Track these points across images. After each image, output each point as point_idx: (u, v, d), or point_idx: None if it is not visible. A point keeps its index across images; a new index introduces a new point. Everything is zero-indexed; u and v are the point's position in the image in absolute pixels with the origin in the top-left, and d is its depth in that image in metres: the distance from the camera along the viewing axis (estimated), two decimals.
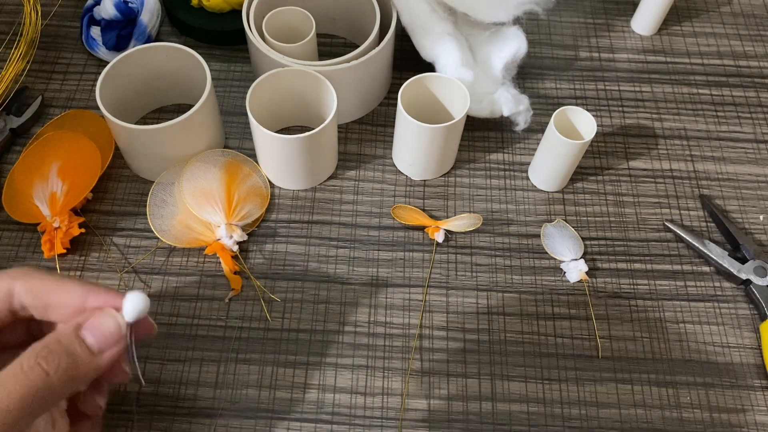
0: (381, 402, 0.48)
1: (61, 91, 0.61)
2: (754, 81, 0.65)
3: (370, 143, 0.59)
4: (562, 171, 0.55)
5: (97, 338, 0.35)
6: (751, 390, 0.49)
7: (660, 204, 0.57)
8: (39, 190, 0.52)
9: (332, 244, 0.54)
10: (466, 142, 0.59)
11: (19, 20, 0.64)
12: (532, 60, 0.65)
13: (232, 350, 0.49)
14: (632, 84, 0.64)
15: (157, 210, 0.53)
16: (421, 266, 0.53)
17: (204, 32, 0.63)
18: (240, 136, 0.59)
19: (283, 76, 0.53)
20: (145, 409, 0.47)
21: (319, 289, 0.52)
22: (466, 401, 0.48)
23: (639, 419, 0.48)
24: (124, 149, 0.55)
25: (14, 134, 0.58)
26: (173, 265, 0.52)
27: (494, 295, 0.52)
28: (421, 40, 0.57)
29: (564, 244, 0.54)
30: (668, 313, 0.52)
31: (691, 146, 0.61)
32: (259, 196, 0.55)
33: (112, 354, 0.35)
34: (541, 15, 0.59)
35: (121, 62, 0.53)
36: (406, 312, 0.51)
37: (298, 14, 0.58)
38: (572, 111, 0.53)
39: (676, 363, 0.50)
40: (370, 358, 0.49)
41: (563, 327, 0.51)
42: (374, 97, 0.61)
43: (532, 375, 0.49)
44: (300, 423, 0.47)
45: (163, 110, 0.60)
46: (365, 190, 0.57)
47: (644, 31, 0.68)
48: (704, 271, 0.54)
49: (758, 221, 0.57)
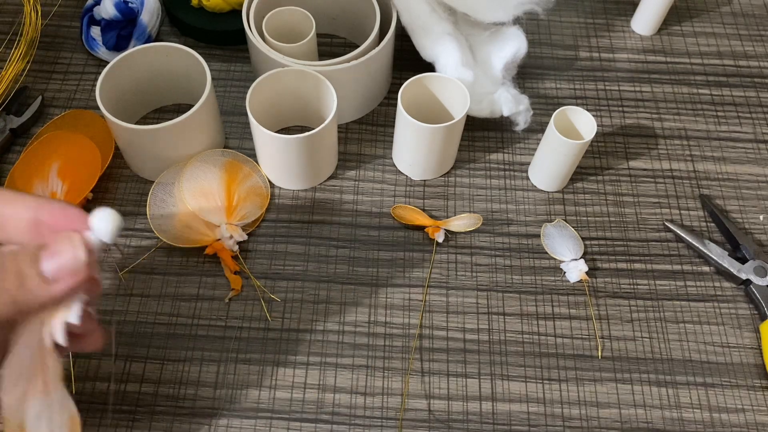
0: (381, 402, 0.48)
1: (61, 91, 0.61)
2: (754, 81, 0.65)
3: (370, 143, 0.59)
4: (562, 171, 0.55)
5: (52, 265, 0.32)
6: (751, 390, 0.49)
7: (660, 204, 0.57)
8: (39, 190, 0.52)
9: (332, 244, 0.54)
10: (466, 142, 0.59)
11: (19, 20, 0.64)
12: (532, 60, 0.65)
13: (232, 350, 0.49)
14: (632, 84, 0.64)
15: (157, 210, 0.53)
16: (421, 266, 0.53)
17: (204, 32, 0.63)
18: (240, 136, 0.59)
19: (283, 76, 0.53)
20: (145, 409, 0.47)
21: (319, 289, 0.52)
22: (466, 401, 0.48)
23: (639, 419, 0.48)
24: (124, 149, 0.55)
25: (14, 134, 0.58)
26: (173, 265, 0.52)
27: (494, 295, 0.52)
28: (421, 40, 0.57)
29: (564, 244, 0.54)
30: (668, 313, 0.52)
31: (691, 146, 0.61)
32: (259, 196, 0.55)
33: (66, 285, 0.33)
34: (541, 15, 0.59)
35: (121, 62, 0.53)
36: (406, 312, 0.51)
37: (298, 14, 0.58)
38: (572, 111, 0.53)
39: (676, 363, 0.50)
40: (370, 358, 0.49)
41: (563, 327, 0.51)
42: (374, 97, 0.61)
43: (532, 375, 0.49)
44: (300, 423, 0.47)
45: (163, 110, 0.60)
46: (365, 190, 0.57)
47: (644, 31, 0.68)
48: (704, 271, 0.54)
49: (758, 221, 0.57)
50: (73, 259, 0.33)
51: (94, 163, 0.53)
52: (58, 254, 0.33)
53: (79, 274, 0.33)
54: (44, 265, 0.32)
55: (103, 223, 0.33)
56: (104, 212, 0.33)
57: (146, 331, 0.50)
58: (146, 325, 0.50)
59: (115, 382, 0.47)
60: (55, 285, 0.32)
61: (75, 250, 0.33)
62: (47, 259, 0.32)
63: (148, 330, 0.50)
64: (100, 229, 0.33)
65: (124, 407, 0.47)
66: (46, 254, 0.33)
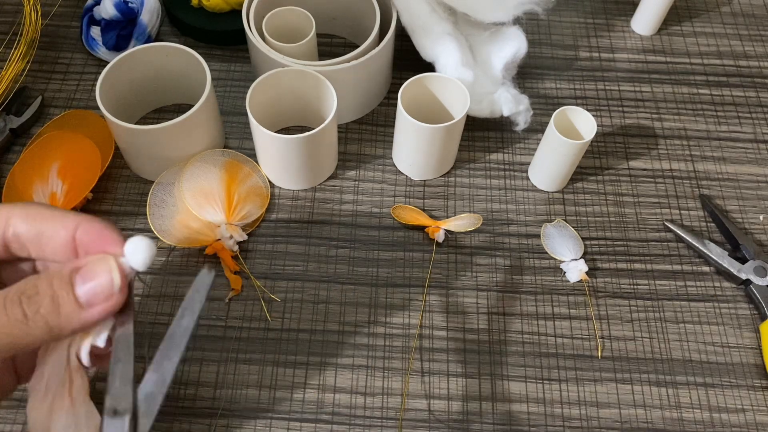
0: (381, 402, 0.48)
1: (61, 91, 0.61)
2: (754, 81, 0.65)
3: (370, 143, 0.59)
4: (562, 171, 0.55)
5: (87, 290, 0.31)
6: (751, 390, 0.49)
7: (660, 204, 0.57)
8: (39, 190, 0.52)
9: (332, 244, 0.54)
10: (466, 142, 0.59)
11: (19, 20, 0.64)
12: (532, 60, 0.65)
13: (232, 350, 0.49)
14: (632, 84, 0.64)
15: (157, 210, 0.53)
16: (421, 266, 0.53)
17: (204, 32, 0.63)
18: (240, 136, 0.59)
19: (283, 76, 0.53)
20: None
21: (319, 289, 0.52)
22: (466, 401, 0.48)
23: (639, 419, 0.48)
24: (124, 149, 0.55)
25: (14, 134, 0.58)
26: (173, 265, 0.52)
27: (494, 295, 0.52)
28: (421, 40, 0.57)
29: (564, 244, 0.54)
30: (668, 313, 0.52)
31: (691, 146, 0.61)
32: (259, 196, 0.55)
33: (101, 311, 0.32)
34: (541, 15, 0.59)
35: (121, 62, 0.53)
36: (406, 312, 0.51)
37: (298, 14, 0.58)
38: (572, 111, 0.53)
39: (676, 363, 0.50)
40: (370, 358, 0.49)
41: (563, 327, 0.51)
42: (374, 97, 0.61)
43: (532, 375, 0.49)
44: (300, 423, 0.47)
45: (163, 110, 0.60)
46: (365, 190, 0.57)
47: (644, 31, 0.68)
48: (704, 271, 0.54)
49: (758, 221, 0.57)
50: (108, 283, 0.31)
51: (94, 163, 0.53)
52: (94, 278, 0.31)
53: (113, 300, 0.32)
54: (79, 290, 0.31)
55: (139, 251, 0.32)
56: (140, 241, 0.32)
57: (146, 331, 0.50)
58: (146, 325, 0.50)
59: None
60: (90, 310, 0.31)
61: (111, 274, 0.32)
62: (82, 283, 0.31)
63: (148, 330, 0.50)
64: (135, 257, 0.32)
65: None
66: (80, 278, 0.31)
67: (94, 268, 0.32)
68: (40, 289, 0.31)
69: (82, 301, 0.31)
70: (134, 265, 0.32)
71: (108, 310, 0.32)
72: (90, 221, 0.33)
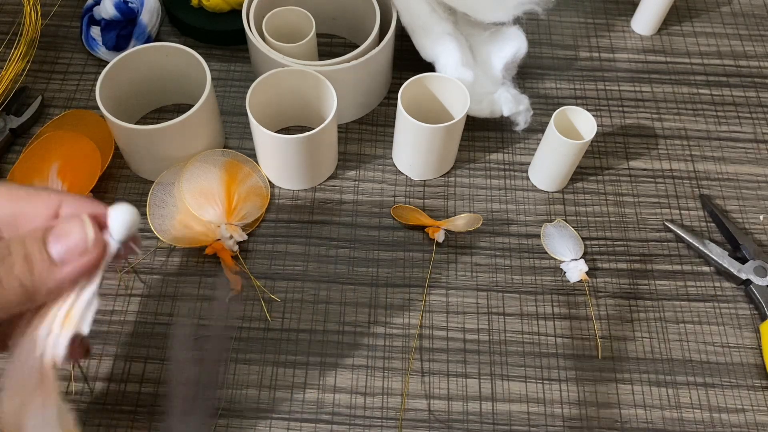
0: (381, 402, 0.48)
1: (61, 91, 0.61)
2: (754, 81, 0.65)
3: (370, 143, 0.59)
4: (562, 171, 0.55)
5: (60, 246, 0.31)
6: (751, 390, 0.49)
7: (660, 204, 0.57)
8: None
9: (332, 244, 0.54)
10: (466, 142, 0.59)
11: (19, 20, 0.64)
12: (532, 60, 0.65)
13: (232, 350, 0.49)
14: (632, 84, 0.64)
15: (157, 210, 0.53)
16: (421, 266, 0.53)
17: (204, 32, 0.63)
18: (240, 136, 0.59)
19: (283, 76, 0.53)
20: (145, 409, 0.47)
21: (319, 289, 0.52)
22: (466, 401, 0.48)
23: (639, 419, 0.48)
24: (124, 149, 0.55)
25: (14, 134, 0.58)
26: (173, 265, 0.52)
27: (494, 295, 0.52)
28: (421, 40, 0.57)
29: (564, 244, 0.54)
30: (668, 313, 0.52)
31: (691, 146, 0.61)
32: (259, 196, 0.55)
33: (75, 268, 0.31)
34: (541, 15, 0.59)
35: (121, 62, 0.53)
36: (406, 312, 0.51)
37: (298, 14, 0.58)
38: (572, 111, 0.53)
39: (676, 363, 0.50)
40: (370, 358, 0.49)
41: (563, 327, 0.51)
42: (374, 97, 0.61)
43: (532, 375, 0.49)
44: (300, 423, 0.47)
45: (163, 110, 0.60)
46: (365, 190, 0.57)
47: (644, 31, 0.68)
48: (704, 271, 0.54)
49: (758, 221, 0.57)
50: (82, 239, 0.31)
51: (94, 163, 0.53)
52: (66, 235, 0.31)
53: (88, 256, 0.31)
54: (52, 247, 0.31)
55: (120, 215, 0.32)
56: (122, 205, 0.32)
57: (146, 331, 0.50)
58: (146, 325, 0.50)
59: (116, 382, 0.47)
60: (64, 267, 0.31)
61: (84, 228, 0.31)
62: (55, 240, 0.31)
63: (148, 330, 0.50)
64: (117, 221, 0.32)
65: (124, 407, 0.47)
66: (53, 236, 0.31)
67: (67, 226, 0.31)
68: (12, 250, 0.31)
69: (56, 258, 0.31)
70: (118, 228, 0.32)
71: (83, 267, 0.31)
72: (73, 196, 0.33)
